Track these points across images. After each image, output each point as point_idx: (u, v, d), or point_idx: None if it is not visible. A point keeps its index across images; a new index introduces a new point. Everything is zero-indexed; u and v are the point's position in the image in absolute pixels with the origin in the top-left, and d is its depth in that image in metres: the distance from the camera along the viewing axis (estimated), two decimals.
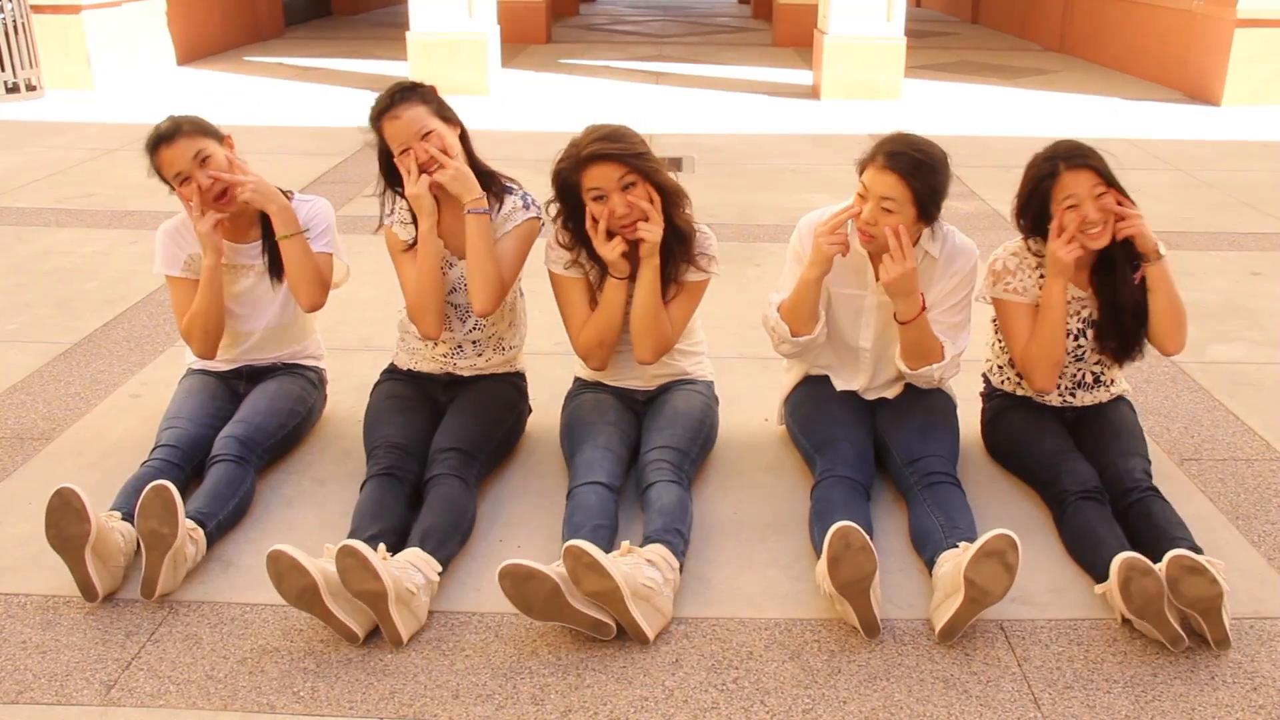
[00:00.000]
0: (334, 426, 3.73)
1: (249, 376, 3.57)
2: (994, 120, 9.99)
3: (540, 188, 3.32)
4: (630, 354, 3.39)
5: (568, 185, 3.15)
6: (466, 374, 3.46)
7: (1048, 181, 3.14)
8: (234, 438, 3.23)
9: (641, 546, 2.80)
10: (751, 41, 16.03)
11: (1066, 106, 10.58)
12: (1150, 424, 3.57)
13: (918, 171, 3.00)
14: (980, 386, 3.64)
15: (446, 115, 3.20)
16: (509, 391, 3.50)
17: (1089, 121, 9.85)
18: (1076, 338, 3.29)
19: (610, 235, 3.13)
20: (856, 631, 2.68)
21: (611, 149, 3.05)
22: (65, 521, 2.68)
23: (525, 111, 10.16)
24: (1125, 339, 3.24)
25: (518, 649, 2.62)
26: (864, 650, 2.64)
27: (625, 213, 3.08)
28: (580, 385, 3.55)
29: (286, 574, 2.55)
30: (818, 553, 2.81)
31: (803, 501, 3.22)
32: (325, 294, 3.42)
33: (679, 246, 3.23)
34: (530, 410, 3.63)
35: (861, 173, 3.08)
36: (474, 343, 3.44)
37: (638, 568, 2.66)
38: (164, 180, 3.34)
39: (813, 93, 11.21)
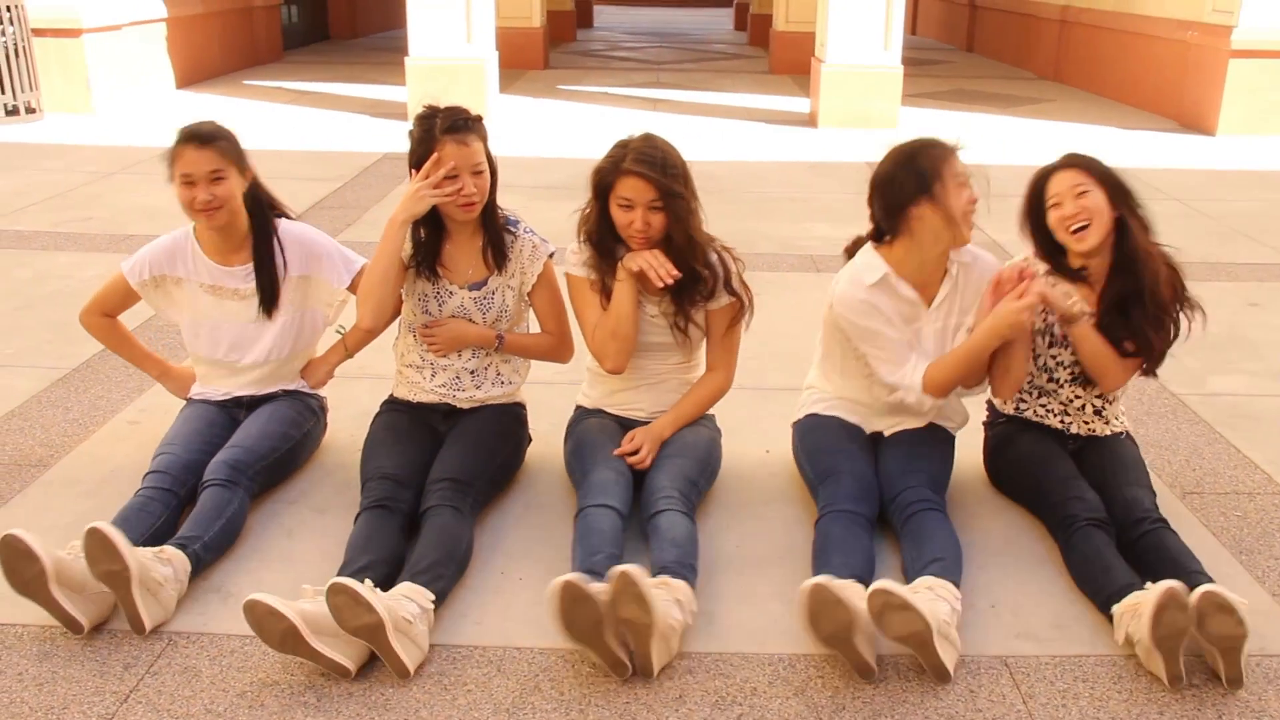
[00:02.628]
0: (334, 455, 3.71)
1: (249, 405, 3.55)
2: (991, 149, 10.01)
3: (538, 214, 3.34)
4: (634, 387, 3.41)
5: (603, 185, 3.21)
6: (465, 405, 3.44)
7: (1041, 184, 3.26)
8: (223, 462, 3.22)
9: (655, 575, 2.78)
10: (748, 69, 16.11)
11: (1062, 135, 10.63)
12: (1151, 457, 3.56)
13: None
14: (981, 414, 3.63)
15: (491, 157, 3.23)
16: (508, 420, 3.48)
17: (1085, 150, 9.85)
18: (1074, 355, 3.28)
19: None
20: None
21: (653, 177, 3.12)
22: (19, 566, 2.65)
23: (523, 137, 10.18)
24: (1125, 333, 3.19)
25: (520, 684, 2.60)
26: (869, 687, 2.61)
27: (643, 229, 3.14)
28: (583, 412, 3.55)
29: (264, 620, 2.52)
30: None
31: (805, 534, 3.20)
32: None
33: (691, 289, 3.26)
34: (530, 439, 3.61)
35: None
36: (471, 373, 3.42)
37: (670, 607, 2.65)
38: (170, 170, 3.33)
39: (810, 120, 11.26)
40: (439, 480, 3.12)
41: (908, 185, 3.14)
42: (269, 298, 3.43)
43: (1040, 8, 15.21)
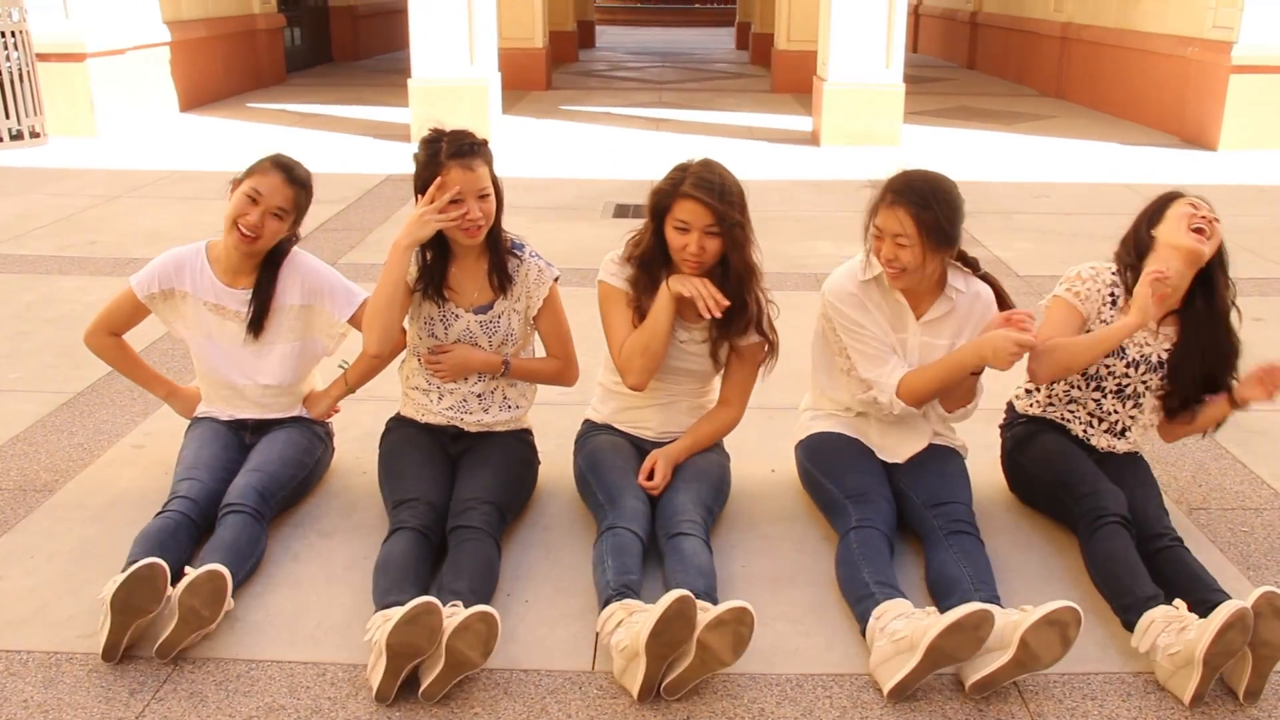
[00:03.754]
0: (339, 479, 3.70)
1: (254, 428, 3.55)
2: (993, 166, 10.05)
3: (541, 235, 3.36)
4: (647, 406, 3.43)
5: (660, 207, 3.21)
6: (473, 429, 3.43)
7: (1165, 204, 3.21)
8: (252, 488, 3.19)
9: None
10: (750, 88, 16.17)
11: (1064, 152, 10.66)
12: (1158, 472, 3.54)
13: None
14: (989, 431, 3.62)
15: (496, 181, 3.24)
16: (524, 449, 3.49)
17: (1087, 167, 9.93)
18: (1129, 369, 3.30)
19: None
20: (866, 688, 2.66)
21: (711, 203, 3.12)
22: (141, 594, 2.65)
23: (526, 158, 10.21)
24: (1187, 388, 3.30)
25: (527, 707, 2.59)
26: (876, 706, 2.61)
27: (697, 253, 3.14)
28: (590, 427, 3.55)
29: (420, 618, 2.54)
30: (852, 604, 2.89)
31: (812, 553, 3.21)
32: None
33: (739, 318, 3.27)
34: (539, 464, 3.61)
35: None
36: (478, 396, 3.42)
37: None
38: (237, 185, 3.33)
39: (812, 139, 11.29)
40: (470, 500, 3.11)
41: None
42: (256, 320, 3.43)
43: (1041, 25, 15.27)
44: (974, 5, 18.65)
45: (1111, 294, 3.29)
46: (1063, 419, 3.42)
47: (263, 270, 3.42)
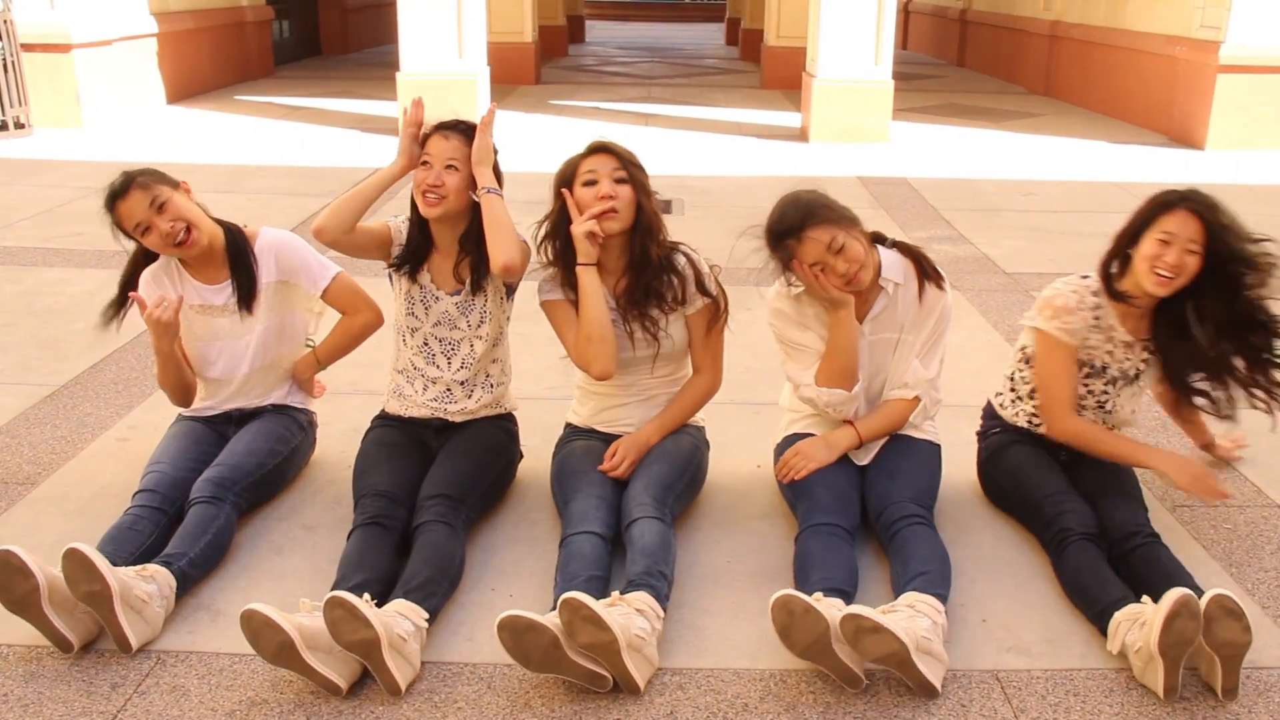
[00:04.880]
0: (324, 472, 3.69)
1: (238, 420, 3.55)
2: (982, 163, 10.06)
3: (525, 230, 3.34)
4: (623, 404, 3.42)
5: (564, 177, 3.28)
6: (458, 419, 3.44)
7: (1159, 211, 3.16)
8: (208, 480, 3.22)
9: (624, 589, 2.78)
10: (740, 84, 16.14)
11: (1053, 150, 10.66)
12: (1141, 471, 3.55)
13: None
14: (975, 427, 3.63)
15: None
16: (499, 435, 3.48)
17: (1075, 165, 9.95)
18: (1108, 386, 3.33)
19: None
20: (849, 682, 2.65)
21: (614, 148, 3.26)
22: (12, 583, 2.64)
23: (516, 152, 10.17)
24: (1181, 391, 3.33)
25: (511, 701, 2.59)
26: (860, 702, 2.61)
27: (610, 192, 3.19)
28: (571, 431, 3.54)
29: (261, 632, 2.51)
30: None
31: None
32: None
33: (648, 276, 3.28)
34: (521, 455, 3.61)
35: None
36: (462, 383, 3.42)
37: (630, 618, 2.63)
38: (127, 235, 3.34)
39: (801, 135, 11.28)
40: (432, 496, 3.12)
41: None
42: (246, 295, 3.44)
43: (1030, 23, 15.28)
44: (964, 3, 18.65)
45: (1095, 317, 3.28)
46: (1034, 424, 3.44)
47: (233, 259, 3.43)
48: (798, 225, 3.12)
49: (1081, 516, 3.08)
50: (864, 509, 3.23)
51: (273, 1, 16.22)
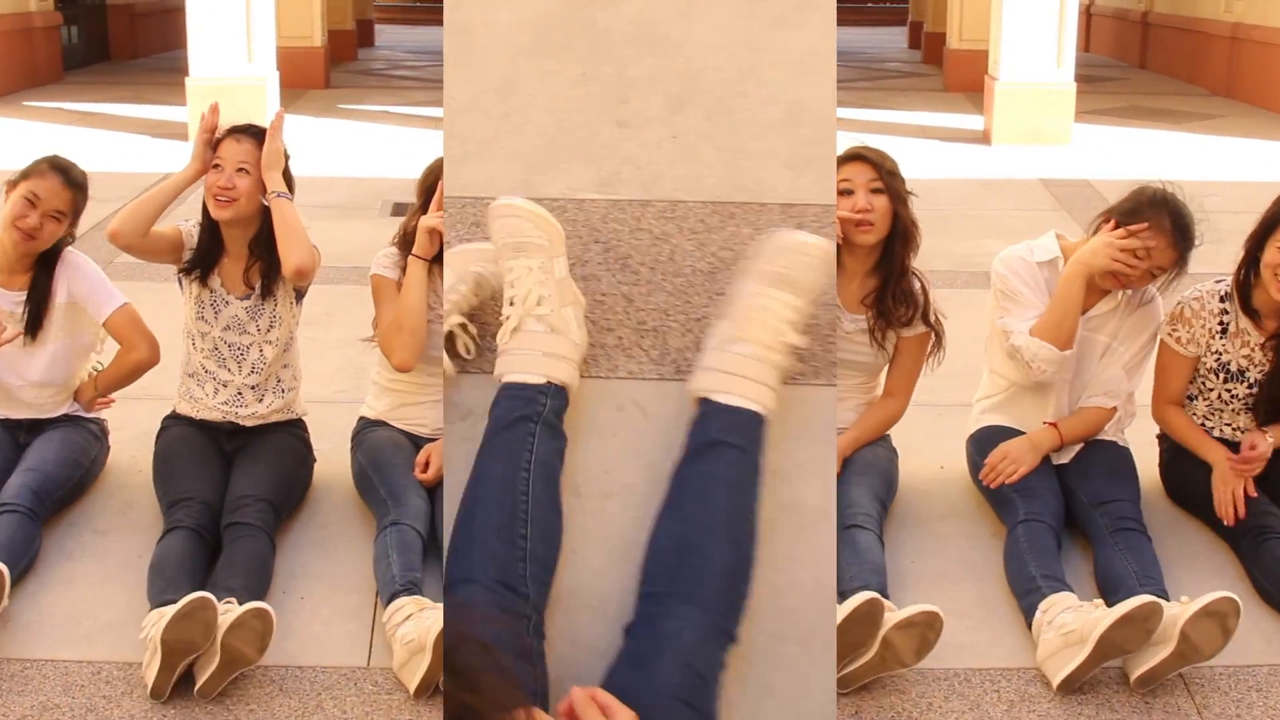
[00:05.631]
0: (115, 478, 3.59)
1: (29, 428, 3.47)
2: (1165, 166, 9.73)
3: (320, 233, 3.37)
4: (418, 402, 3.42)
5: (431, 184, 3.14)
6: (249, 423, 3.39)
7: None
8: (27, 488, 3.14)
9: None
10: (922, 87, 15.86)
11: (1235, 152, 10.33)
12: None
13: None
14: (1156, 429, 3.59)
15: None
16: (297, 445, 3.47)
17: (1259, 167, 9.55)
18: (1252, 390, 3.28)
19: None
20: (1034, 681, 2.74)
21: (871, 155, 3.24)
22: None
23: (304, 157, 9.13)
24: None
25: (302, 703, 2.67)
26: (1043, 700, 2.68)
27: (866, 209, 3.16)
28: (366, 423, 3.48)
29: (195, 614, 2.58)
30: (1019, 597, 2.93)
31: (980, 550, 3.25)
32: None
33: (900, 284, 3.29)
34: (315, 460, 3.57)
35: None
36: (253, 388, 3.38)
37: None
38: (13, 187, 3.33)
39: (983, 138, 11.22)
40: (249, 497, 3.12)
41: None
42: (33, 321, 3.36)
43: (1212, 25, 14.88)
44: (1145, 5, 18.23)
45: (1221, 323, 3.23)
46: (1220, 434, 3.41)
47: (39, 270, 3.37)
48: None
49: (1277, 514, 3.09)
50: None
51: (61, 6, 15.47)
